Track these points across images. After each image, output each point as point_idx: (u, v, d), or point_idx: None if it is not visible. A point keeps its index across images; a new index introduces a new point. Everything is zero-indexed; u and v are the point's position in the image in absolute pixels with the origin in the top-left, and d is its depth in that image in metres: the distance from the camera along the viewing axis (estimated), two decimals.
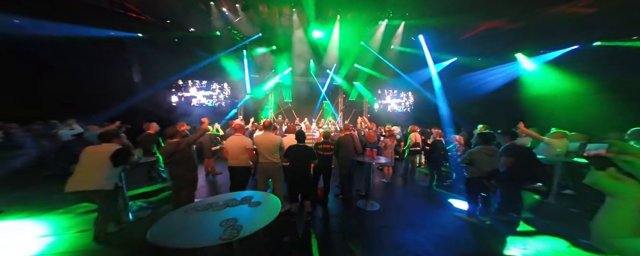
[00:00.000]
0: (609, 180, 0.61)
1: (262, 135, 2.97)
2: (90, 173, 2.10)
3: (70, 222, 2.61)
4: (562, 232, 2.55)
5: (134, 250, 2.18)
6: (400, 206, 3.36)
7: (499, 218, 2.80)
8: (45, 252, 2.08)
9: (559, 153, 3.35)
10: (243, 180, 2.92)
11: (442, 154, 4.08)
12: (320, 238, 2.44)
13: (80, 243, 2.23)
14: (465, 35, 6.93)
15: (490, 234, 2.61)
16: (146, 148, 3.76)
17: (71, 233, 2.39)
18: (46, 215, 2.76)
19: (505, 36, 6.38)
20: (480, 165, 2.69)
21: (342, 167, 3.45)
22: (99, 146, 2.27)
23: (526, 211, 2.95)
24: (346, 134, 3.52)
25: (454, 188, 4.22)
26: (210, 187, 4.13)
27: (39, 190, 3.54)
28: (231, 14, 6.34)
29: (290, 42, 7.82)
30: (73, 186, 2.05)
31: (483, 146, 2.76)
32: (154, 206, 3.13)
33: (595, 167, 0.66)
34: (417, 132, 4.77)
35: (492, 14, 5.56)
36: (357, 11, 6.27)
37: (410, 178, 4.75)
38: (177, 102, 8.10)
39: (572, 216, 2.99)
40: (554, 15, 5.16)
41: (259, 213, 1.50)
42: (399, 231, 2.64)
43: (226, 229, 1.27)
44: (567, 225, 2.71)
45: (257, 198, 1.73)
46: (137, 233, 2.37)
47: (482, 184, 2.74)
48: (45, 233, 2.39)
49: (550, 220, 2.89)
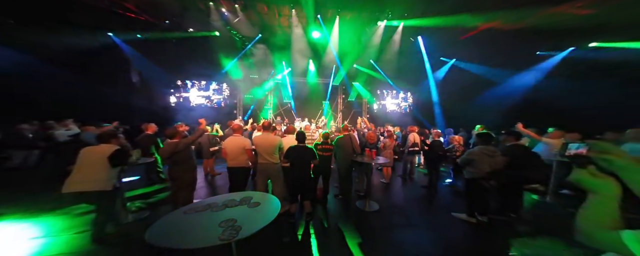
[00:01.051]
0: (589, 177, 0.63)
1: (261, 136, 2.97)
2: (89, 174, 2.09)
3: (67, 223, 2.59)
4: (560, 231, 2.57)
5: (132, 251, 2.17)
6: (399, 207, 3.37)
7: (498, 218, 2.81)
8: (41, 253, 2.07)
9: (556, 154, 3.38)
10: (242, 181, 2.91)
11: (441, 154, 4.10)
12: (320, 239, 2.44)
13: (78, 244, 2.21)
14: (464, 36, 6.97)
15: (489, 234, 2.61)
16: (145, 149, 3.74)
17: (68, 235, 2.37)
18: (43, 216, 2.74)
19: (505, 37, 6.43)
20: (479, 165, 2.71)
21: (341, 168, 3.45)
22: (97, 147, 2.25)
23: (525, 211, 2.97)
24: (345, 135, 3.53)
25: (452, 189, 4.24)
26: (210, 187, 4.12)
27: (35, 190, 3.51)
28: (230, 14, 6.33)
29: (290, 43, 7.83)
30: (71, 187, 2.03)
31: (482, 146, 2.77)
32: (153, 207, 3.11)
33: (576, 165, 0.69)
34: (415, 132, 4.79)
35: (490, 15, 5.60)
36: (356, 11, 6.29)
37: (409, 178, 4.76)
38: (175, 102, 8.07)
39: (569, 215, 3.01)
40: (552, 16, 5.19)
41: (258, 214, 1.49)
42: (398, 231, 2.65)
43: (225, 230, 1.26)
44: (565, 224, 2.73)
45: (256, 199, 1.73)
46: (135, 234, 2.35)
47: (481, 184, 2.75)
48: (42, 234, 2.37)
49: (548, 219, 2.91)
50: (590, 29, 5.22)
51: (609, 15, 4.71)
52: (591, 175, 0.60)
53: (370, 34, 7.37)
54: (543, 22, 5.40)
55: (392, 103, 10.74)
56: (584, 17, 4.93)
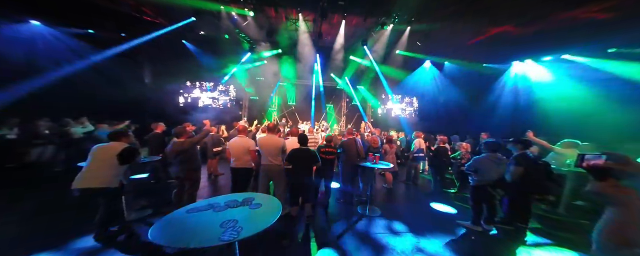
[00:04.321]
0: (610, 189, 0.61)
1: (265, 137, 3.00)
2: (97, 171, 2.14)
3: (73, 220, 2.65)
4: (570, 244, 2.46)
5: (134, 249, 2.20)
6: (401, 213, 3.30)
7: (505, 228, 2.71)
8: (46, 250, 2.11)
9: (569, 164, 3.26)
10: (245, 182, 2.94)
11: (445, 161, 4.01)
12: (320, 242, 2.42)
13: (82, 241, 2.25)
14: (472, 41, 6.89)
15: (495, 243, 2.53)
16: (153, 147, 3.84)
17: (73, 231, 2.41)
18: (50, 213, 2.83)
19: (513, 41, 6.30)
20: (486, 172, 2.64)
21: (345, 172, 3.43)
22: (108, 144, 2.32)
23: (534, 221, 2.86)
24: (349, 138, 3.52)
25: (457, 196, 4.13)
26: (212, 187, 4.17)
27: (47, 187, 3.64)
28: (239, 17, 6.54)
29: (296, 46, 7.96)
30: (80, 183, 2.09)
31: (489, 154, 2.71)
32: (157, 205, 3.17)
33: (594, 177, 0.66)
34: (421, 137, 4.71)
35: (497, 19, 5.51)
36: (362, 16, 6.35)
37: (412, 184, 4.67)
38: (183, 103, 8.29)
39: (582, 227, 2.87)
40: (566, 20, 5.03)
41: (259, 215, 1.50)
42: (399, 237, 2.59)
43: (227, 230, 1.27)
44: (577, 237, 2.60)
45: (258, 200, 1.74)
46: (138, 232, 2.39)
47: (488, 192, 2.68)
48: (48, 230, 2.44)
49: (559, 231, 2.79)
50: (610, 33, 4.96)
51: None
52: (613, 187, 0.57)
53: (376, 38, 7.40)
54: (557, 25, 5.24)
55: (397, 108, 10.65)
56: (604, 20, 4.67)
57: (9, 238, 2.27)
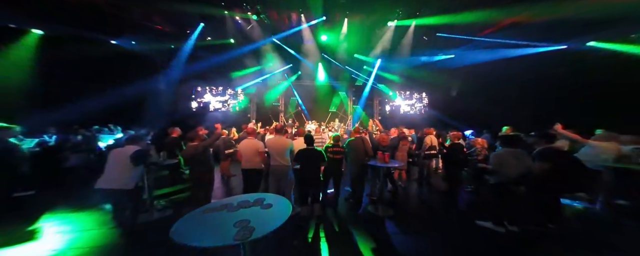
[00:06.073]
0: None
1: (273, 139, 3.06)
2: (114, 173, 2.32)
3: (92, 219, 2.84)
4: (612, 246, 2.25)
5: (150, 248, 2.29)
6: (414, 212, 3.23)
7: (531, 228, 2.53)
8: (66, 248, 2.25)
9: (606, 159, 2.91)
10: (256, 182, 3.01)
11: (461, 158, 3.84)
12: (330, 242, 2.42)
13: (100, 239, 2.40)
14: (484, 32, 6.54)
15: (521, 246, 2.35)
16: (170, 151, 4.04)
17: (93, 230, 2.56)
18: (73, 212, 3.03)
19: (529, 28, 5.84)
20: (506, 169, 2.48)
21: (353, 171, 3.41)
22: (123, 148, 2.51)
23: (566, 221, 2.64)
24: (356, 137, 3.49)
25: (474, 195, 3.95)
26: (225, 188, 4.30)
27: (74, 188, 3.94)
28: (244, 21, 6.72)
29: (300, 46, 8.01)
30: (100, 184, 2.29)
31: (509, 149, 2.55)
32: (176, 205, 3.33)
33: None
34: (433, 134, 4.56)
35: (504, 11, 5.15)
36: (365, 13, 6.26)
37: (426, 183, 4.54)
38: (196, 107, 8.63)
39: (625, 228, 2.61)
40: (581, 6, 4.61)
41: (270, 215, 1.53)
42: (413, 238, 2.53)
43: (240, 230, 1.31)
44: (619, 239, 2.38)
45: (268, 200, 1.78)
46: (157, 231, 2.51)
47: (509, 190, 2.52)
48: (68, 229, 2.61)
49: (598, 231, 2.57)
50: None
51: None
52: None
53: (380, 34, 7.26)
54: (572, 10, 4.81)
55: (405, 104, 10.38)
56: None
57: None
